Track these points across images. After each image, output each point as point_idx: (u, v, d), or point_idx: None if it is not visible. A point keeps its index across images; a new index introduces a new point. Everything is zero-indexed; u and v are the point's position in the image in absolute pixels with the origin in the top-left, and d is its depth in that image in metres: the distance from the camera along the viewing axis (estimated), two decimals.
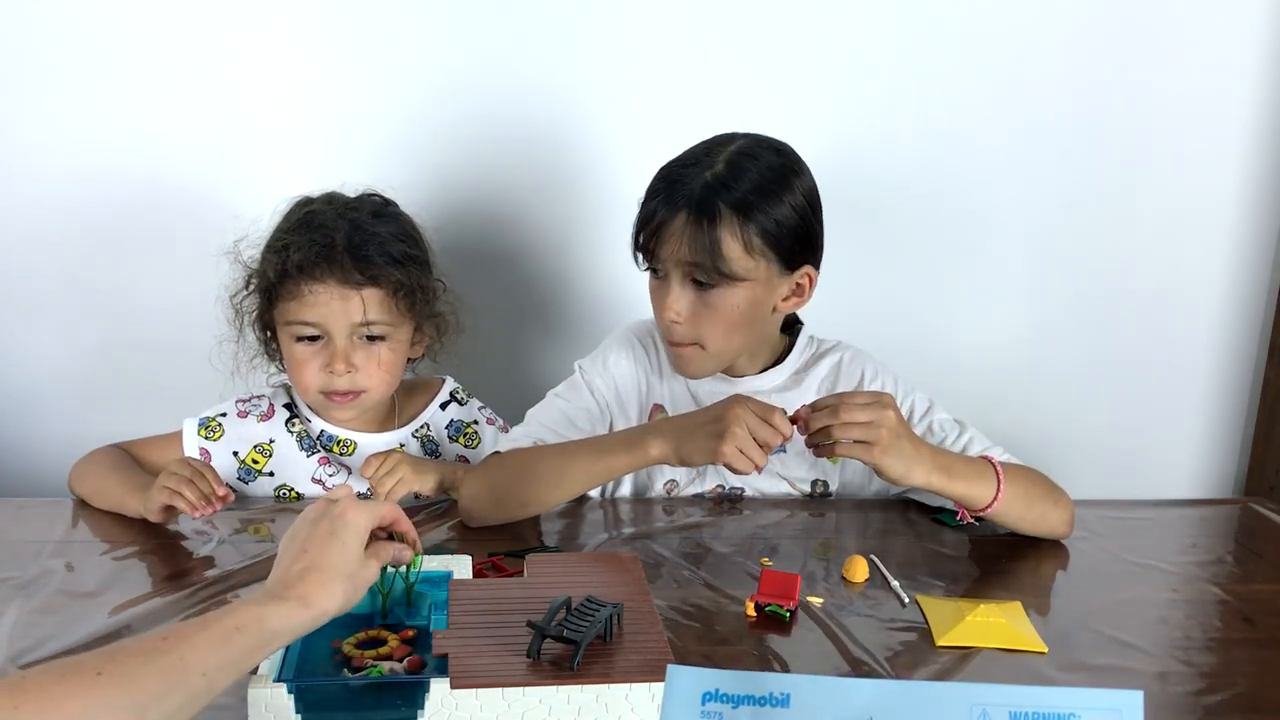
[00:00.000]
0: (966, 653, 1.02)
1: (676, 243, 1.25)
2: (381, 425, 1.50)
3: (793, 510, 1.38)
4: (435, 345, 1.48)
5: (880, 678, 0.98)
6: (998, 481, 1.21)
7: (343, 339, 1.37)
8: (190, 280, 1.51)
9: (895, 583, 1.16)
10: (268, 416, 1.48)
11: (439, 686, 0.83)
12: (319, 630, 0.83)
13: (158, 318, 1.78)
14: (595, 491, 1.37)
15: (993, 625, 1.05)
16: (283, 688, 0.82)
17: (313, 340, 1.38)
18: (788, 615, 1.07)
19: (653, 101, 1.76)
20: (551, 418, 1.38)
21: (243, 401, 1.49)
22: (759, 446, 1.16)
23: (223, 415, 1.48)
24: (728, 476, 1.41)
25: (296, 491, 1.46)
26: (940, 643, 1.04)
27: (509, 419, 1.51)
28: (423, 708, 0.83)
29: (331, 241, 1.35)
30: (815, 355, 1.43)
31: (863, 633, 1.06)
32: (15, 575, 1.14)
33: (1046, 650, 1.04)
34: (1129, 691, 0.66)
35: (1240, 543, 1.38)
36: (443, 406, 1.54)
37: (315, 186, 1.44)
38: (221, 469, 1.43)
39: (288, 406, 1.49)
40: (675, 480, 1.42)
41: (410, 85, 1.74)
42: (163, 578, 1.16)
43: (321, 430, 1.48)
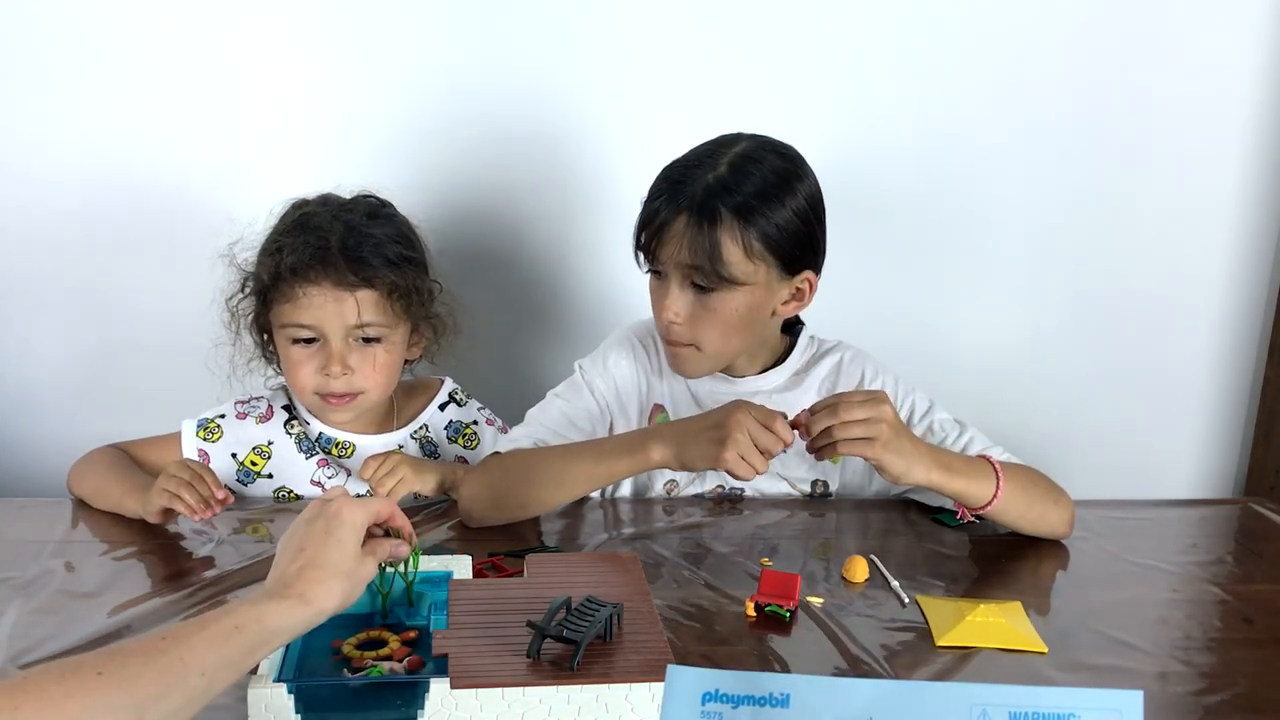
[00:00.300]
0: (966, 653, 1.02)
1: (677, 245, 1.25)
2: (380, 426, 1.50)
3: (793, 510, 1.38)
4: (433, 347, 1.47)
5: (880, 678, 0.98)
6: (997, 480, 1.21)
7: (338, 341, 1.37)
8: (190, 281, 1.51)
9: (895, 583, 1.16)
10: (266, 418, 1.48)
11: (439, 686, 0.83)
12: (319, 630, 0.83)
13: (157, 318, 1.78)
14: (595, 492, 1.37)
15: (993, 625, 1.05)
16: (282, 688, 0.82)
17: (308, 343, 1.38)
18: (788, 615, 1.07)
19: (652, 102, 1.76)
20: (552, 418, 1.38)
21: (241, 403, 1.49)
22: (760, 453, 1.16)
23: (221, 417, 1.47)
24: (727, 477, 1.40)
25: (295, 493, 1.46)
26: (940, 643, 1.04)
27: (508, 420, 1.51)
28: (423, 708, 0.83)
29: (326, 243, 1.34)
30: (815, 355, 1.43)
31: (863, 633, 1.06)
32: (15, 575, 1.14)
33: (1046, 650, 1.03)
34: (1129, 691, 0.66)
35: (1240, 543, 1.38)
36: (441, 408, 1.53)
37: (314, 188, 1.44)
38: (220, 471, 1.43)
39: (286, 408, 1.49)
40: (675, 480, 1.42)
41: (409, 86, 1.74)
42: (162, 578, 1.16)
43: (320, 432, 1.48)
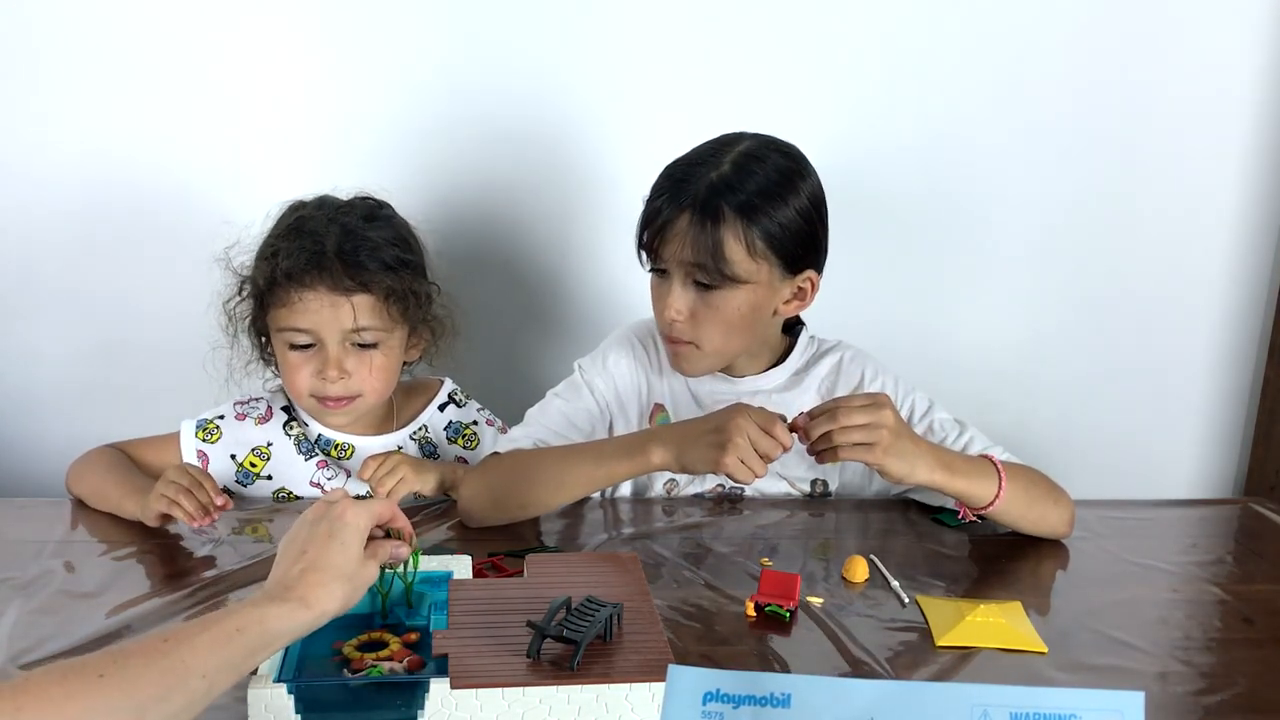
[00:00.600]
0: (966, 653, 1.02)
1: (679, 243, 1.25)
2: (379, 428, 1.49)
3: (793, 510, 1.38)
4: (431, 349, 1.47)
5: (880, 678, 0.98)
6: (999, 480, 1.21)
7: (335, 345, 1.36)
8: (191, 281, 1.51)
9: (895, 583, 1.16)
10: (265, 419, 1.48)
11: (439, 686, 0.83)
12: (320, 631, 0.83)
13: (158, 319, 1.78)
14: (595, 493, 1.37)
15: (993, 625, 1.05)
16: (283, 688, 0.82)
17: (305, 347, 1.37)
18: (788, 615, 1.07)
19: (652, 102, 1.76)
20: (552, 418, 1.38)
21: (241, 404, 1.48)
22: (760, 457, 1.16)
23: (220, 417, 1.47)
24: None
25: (294, 495, 1.46)
26: (940, 643, 1.04)
27: (508, 420, 1.50)
28: (423, 708, 0.83)
29: (322, 248, 1.33)
30: (815, 355, 1.42)
31: (863, 633, 1.06)
32: (15, 575, 1.14)
33: (1046, 650, 1.03)
34: (1129, 692, 0.66)
35: (1240, 543, 1.38)
36: (441, 408, 1.53)
37: (313, 188, 1.44)
38: (219, 472, 1.43)
39: (286, 409, 1.49)
40: (675, 480, 1.42)
41: (408, 86, 1.74)
42: (162, 578, 1.16)
43: (319, 434, 1.47)
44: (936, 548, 1.27)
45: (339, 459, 1.48)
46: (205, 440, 1.45)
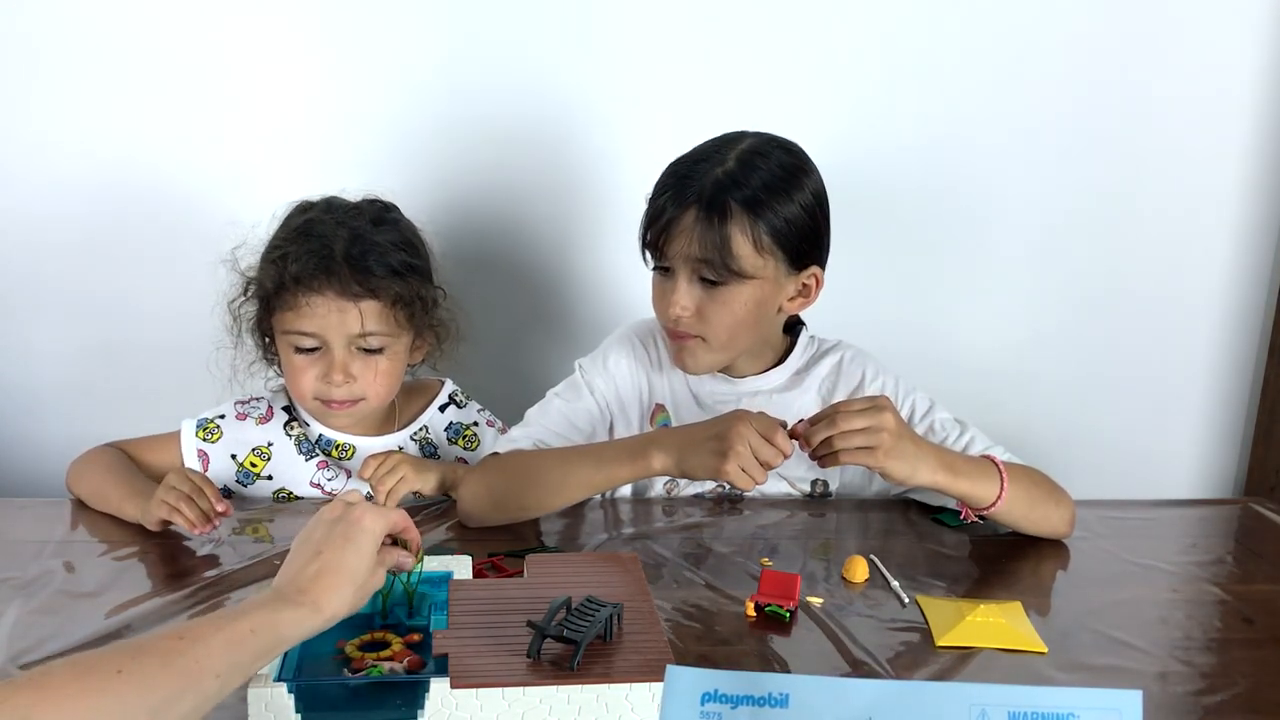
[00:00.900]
0: (966, 653, 1.02)
1: (686, 239, 1.25)
2: (380, 428, 1.49)
3: (793, 510, 1.38)
4: (435, 352, 1.47)
5: (880, 678, 0.98)
6: (1001, 480, 1.21)
7: (340, 350, 1.36)
8: (191, 281, 1.51)
9: (895, 583, 1.16)
10: (266, 419, 1.48)
11: (439, 686, 0.83)
12: (323, 631, 0.83)
13: (158, 319, 1.78)
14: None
15: (993, 625, 1.05)
16: (283, 687, 0.82)
17: (311, 350, 1.37)
18: (788, 615, 1.07)
19: (654, 103, 1.76)
20: (552, 419, 1.38)
21: (241, 404, 1.48)
22: (760, 465, 1.16)
23: (221, 417, 1.47)
24: None
25: (295, 495, 1.46)
26: (940, 643, 1.04)
27: (509, 421, 1.50)
28: (423, 708, 0.83)
29: (330, 252, 1.33)
30: (816, 355, 1.43)
31: (863, 633, 1.06)
32: (15, 575, 1.14)
33: (1046, 650, 1.03)
34: (1128, 691, 0.66)
35: (1240, 543, 1.38)
36: (441, 409, 1.53)
37: (316, 190, 1.43)
38: (219, 472, 1.43)
39: (286, 410, 1.48)
40: (675, 480, 1.42)
41: (410, 87, 1.74)
42: (163, 578, 1.16)
43: (320, 434, 1.47)
44: (937, 548, 1.27)
45: (340, 459, 1.48)
46: (205, 440, 1.45)
